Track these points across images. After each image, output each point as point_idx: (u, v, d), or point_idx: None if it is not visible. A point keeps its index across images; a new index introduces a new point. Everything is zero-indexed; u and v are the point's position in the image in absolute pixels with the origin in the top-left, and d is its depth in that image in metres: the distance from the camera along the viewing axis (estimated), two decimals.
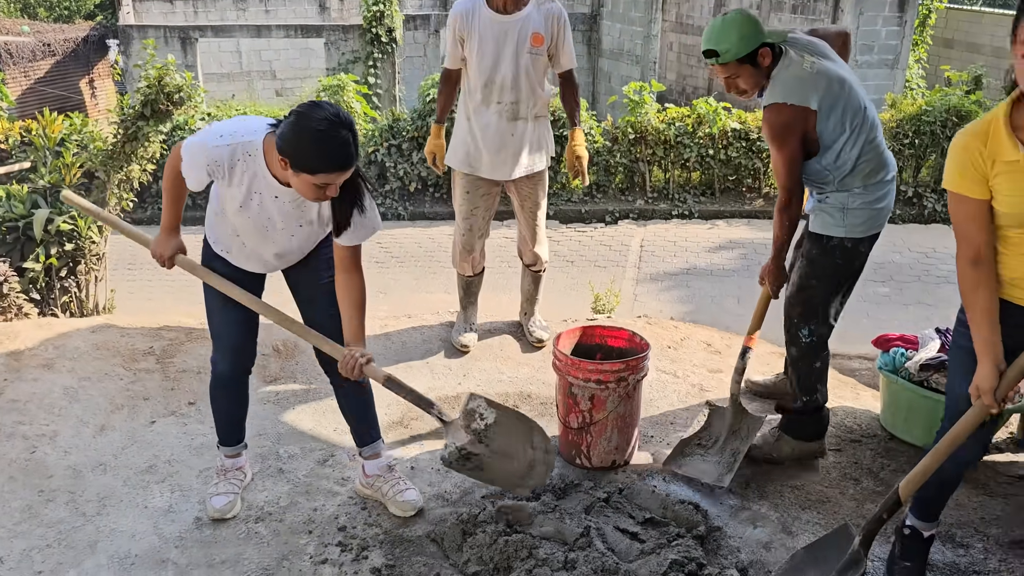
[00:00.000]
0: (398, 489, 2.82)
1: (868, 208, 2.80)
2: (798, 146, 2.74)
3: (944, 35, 16.85)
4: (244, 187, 2.41)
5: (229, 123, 2.43)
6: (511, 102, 3.51)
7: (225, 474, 2.87)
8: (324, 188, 2.26)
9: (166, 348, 3.75)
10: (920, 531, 2.47)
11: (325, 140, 2.17)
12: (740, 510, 2.85)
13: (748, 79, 2.80)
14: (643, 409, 3.35)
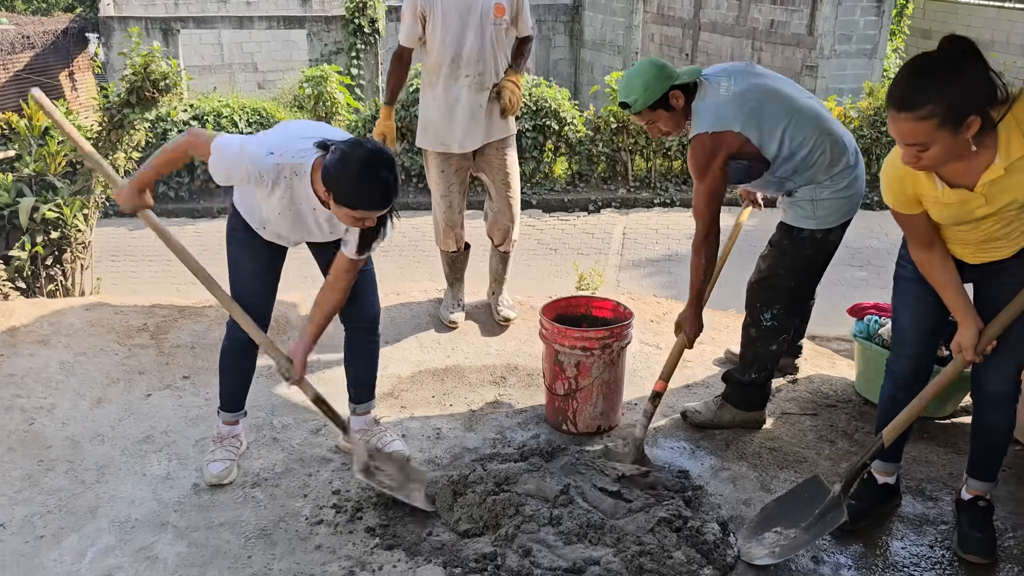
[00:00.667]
0: (385, 441, 2.95)
1: (838, 198, 2.85)
2: (721, 174, 2.77)
3: (922, 25, 17.07)
4: (286, 199, 2.55)
5: (278, 138, 2.53)
6: (478, 74, 3.60)
7: (221, 441, 2.96)
8: (362, 220, 2.42)
9: (160, 324, 3.81)
10: (876, 475, 2.65)
11: (367, 181, 2.32)
12: (720, 470, 2.96)
13: (666, 123, 2.88)
14: (628, 380, 3.46)
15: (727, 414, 3.19)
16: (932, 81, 1.91)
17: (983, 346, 2.28)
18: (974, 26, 16.10)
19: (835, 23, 13.40)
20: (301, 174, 2.49)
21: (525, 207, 11.15)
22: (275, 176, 2.49)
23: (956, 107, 1.91)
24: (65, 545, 2.57)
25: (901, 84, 1.95)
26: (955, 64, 1.92)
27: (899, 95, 1.94)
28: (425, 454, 3.04)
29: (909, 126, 1.94)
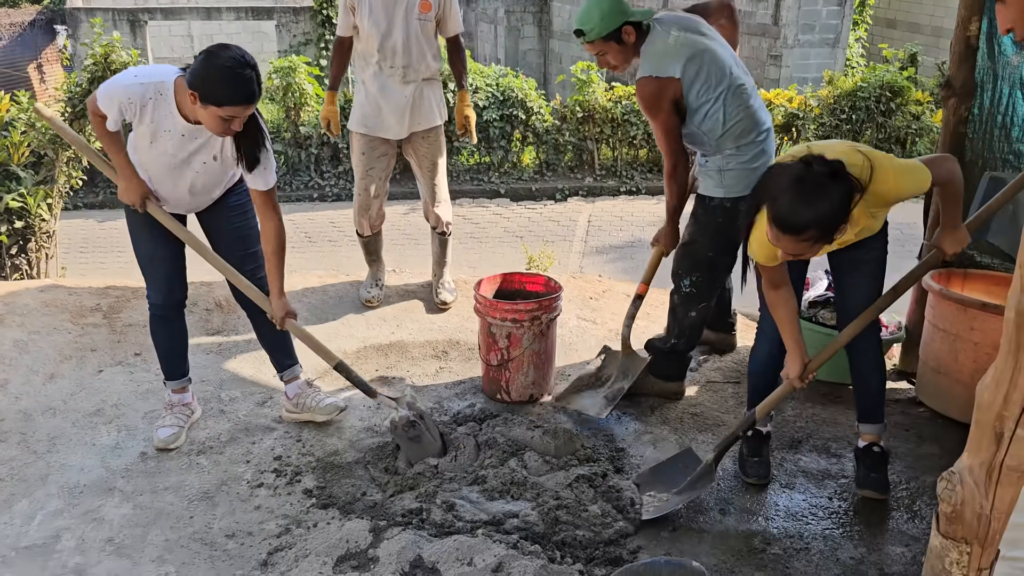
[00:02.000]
0: (319, 398, 3.13)
1: (743, 168, 3.03)
2: (671, 113, 2.98)
3: (887, 15, 17.34)
4: (154, 124, 2.66)
5: (143, 67, 2.71)
6: (403, 66, 3.73)
7: (171, 408, 3.10)
8: (229, 122, 2.54)
9: (112, 305, 3.94)
10: (759, 428, 2.89)
11: (232, 76, 2.46)
12: (643, 434, 3.14)
13: (616, 55, 3.04)
14: (564, 353, 3.64)
15: (647, 382, 3.37)
16: (810, 210, 2.20)
17: (807, 375, 2.62)
18: (936, 15, 16.39)
19: (798, 13, 13.62)
20: (166, 92, 2.61)
21: (493, 196, 11.30)
22: (141, 96, 2.60)
23: (830, 228, 2.25)
24: (16, 510, 2.70)
25: (784, 211, 2.22)
26: (827, 191, 2.20)
27: (783, 222, 2.23)
28: (365, 422, 3.20)
29: (791, 244, 2.27)
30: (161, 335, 3.05)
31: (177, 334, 3.06)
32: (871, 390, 2.77)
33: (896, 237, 10.03)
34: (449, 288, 4.23)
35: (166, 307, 2.99)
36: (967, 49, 3.23)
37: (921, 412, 3.28)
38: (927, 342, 3.27)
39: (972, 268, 3.37)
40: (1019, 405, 1.31)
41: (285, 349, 3.16)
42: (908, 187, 2.35)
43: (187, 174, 2.80)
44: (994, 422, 1.36)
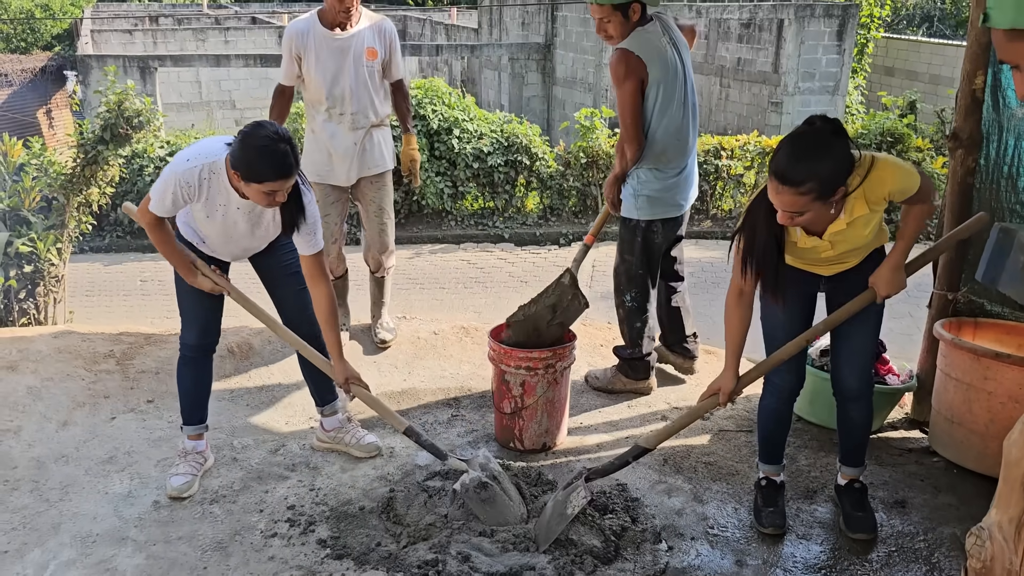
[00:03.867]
0: (359, 436, 3.21)
1: (654, 194, 3.41)
2: (637, 87, 3.28)
3: (885, 63, 17.63)
4: (211, 201, 2.77)
5: (191, 148, 2.77)
6: (352, 113, 3.80)
7: (185, 456, 3.10)
8: (273, 195, 2.64)
9: (126, 351, 3.95)
10: (772, 478, 2.92)
11: (269, 153, 2.56)
12: (657, 483, 3.13)
13: (617, 26, 3.29)
14: (574, 400, 3.64)
15: (619, 383, 3.78)
16: (811, 162, 2.22)
17: (736, 394, 2.70)
18: (934, 64, 16.65)
19: (798, 61, 13.87)
20: (217, 171, 2.70)
21: (498, 241, 11.37)
22: (196, 180, 2.69)
23: (828, 184, 2.26)
24: (28, 559, 2.69)
25: (784, 162, 2.24)
26: (828, 146, 2.24)
27: (783, 172, 2.24)
28: (378, 471, 3.19)
29: (790, 198, 2.26)
30: (187, 377, 3.08)
31: (202, 378, 3.10)
32: (858, 438, 2.85)
33: None
34: (388, 327, 4.25)
35: (198, 348, 3.04)
36: (973, 102, 3.29)
37: (936, 462, 3.27)
38: (940, 392, 3.28)
39: (983, 317, 3.39)
40: None
41: (329, 382, 3.19)
42: (901, 181, 2.39)
43: (243, 241, 2.92)
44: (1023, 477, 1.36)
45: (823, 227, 2.45)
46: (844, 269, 2.63)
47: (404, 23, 21.64)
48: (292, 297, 3.05)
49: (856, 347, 2.71)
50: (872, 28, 15.37)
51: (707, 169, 11.24)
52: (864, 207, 2.40)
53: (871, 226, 2.49)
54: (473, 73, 18.55)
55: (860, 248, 2.56)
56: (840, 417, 2.86)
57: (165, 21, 20.81)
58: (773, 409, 2.86)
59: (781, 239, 2.50)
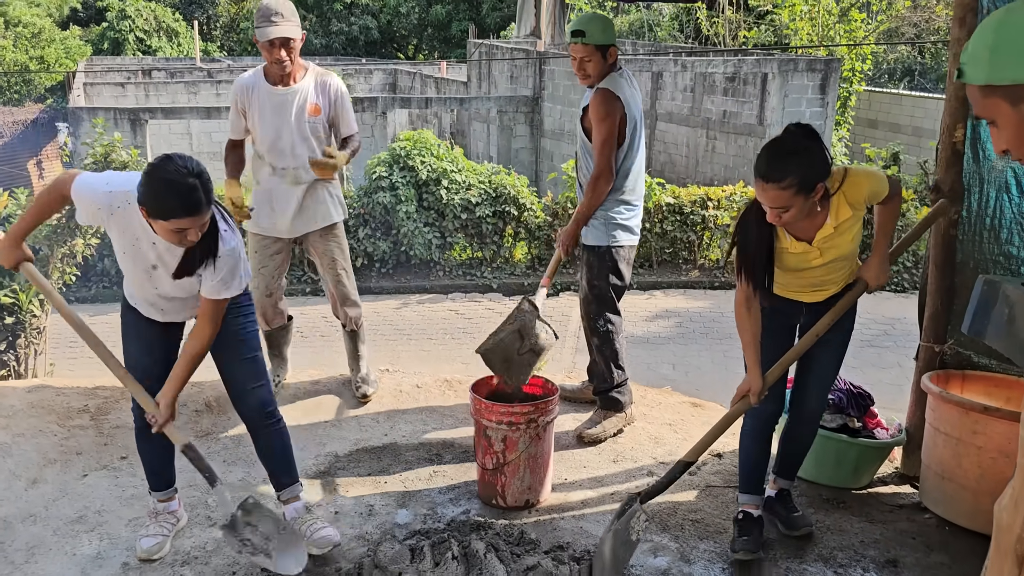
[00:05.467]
0: (315, 528, 2.94)
1: (619, 224, 3.64)
2: (616, 126, 3.48)
3: (868, 116, 17.89)
4: (127, 233, 2.61)
5: (117, 173, 2.68)
6: (293, 168, 3.77)
7: (156, 516, 2.99)
8: (183, 233, 2.45)
9: (100, 406, 3.86)
10: (750, 511, 2.99)
11: (174, 188, 2.37)
12: (642, 542, 3.04)
13: (596, 66, 3.52)
14: (558, 455, 3.56)
15: (611, 424, 3.81)
16: (790, 159, 2.46)
17: (764, 392, 2.80)
18: (916, 116, 16.92)
19: (783, 114, 14.05)
20: (132, 201, 2.51)
21: (486, 291, 11.34)
22: (109, 206, 2.55)
23: (808, 178, 2.46)
24: None
25: (766, 161, 2.47)
26: (804, 146, 2.48)
27: (766, 170, 2.47)
28: (356, 530, 3.09)
29: (775, 193, 2.47)
30: (147, 450, 2.93)
31: (163, 446, 2.91)
32: (801, 455, 3.08)
33: (887, 331, 9.97)
34: (369, 380, 4.18)
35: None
36: (954, 154, 3.30)
37: (927, 519, 3.20)
38: (929, 446, 3.22)
39: (971, 369, 3.36)
40: None
41: (287, 466, 3.00)
42: (876, 184, 2.64)
43: (163, 282, 2.71)
44: (1015, 545, 1.31)
45: (812, 232, 2.65)
46: (826, 296, 2.82)
47: (394, 76, 21.92)
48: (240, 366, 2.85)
49: (823, 370, 2.90)
50: (854, 81, 15.63)
51: (694, 220, 11.29)
52: (848, 210, 2.60)
53: (854, 232, 2.71)
54: (462, 125, 18.73)
55: (845, 260, 2.76)
56: (791, 435, 3.05)
57: (158, 74, 21.00)
58: (751, 432, 2.99)
59: (772, 244, 2.69)
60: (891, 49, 21.17)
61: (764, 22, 19.09)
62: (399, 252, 11.28)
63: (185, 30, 29.20)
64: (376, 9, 31.03)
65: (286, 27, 3.63)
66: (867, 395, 3.49)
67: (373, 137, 16.13)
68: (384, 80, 21.87)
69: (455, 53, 28.46)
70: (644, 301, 10.77)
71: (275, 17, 3.61)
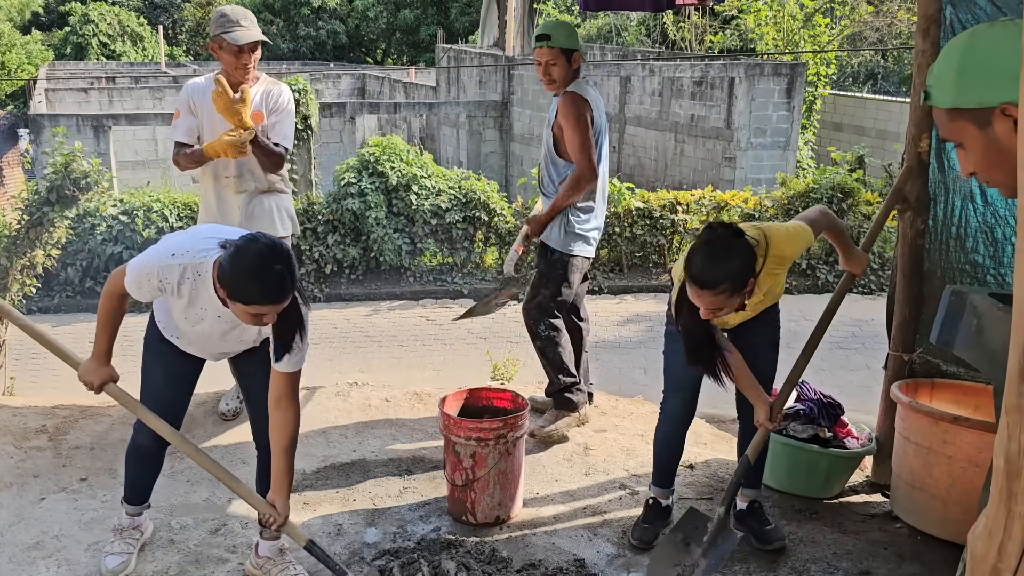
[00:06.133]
0: (289, 572, 2.83)
1: (588, 233, 3.69)
2: (590, 127, 3.53)
3: (833, 119, 18.09)
4: (192, 303, 2.51)
5: (181, 239, 2.53)
6: (235, 176, 3.69)
7: (121, 533, 2.91)
8: (260, 316, 2.36)
9: (59, 426, 3.75)
10: (660, 500, 3.14)
11: (260, 275, 2.28)
12: (616, 558, 3.01)
13: (560, 71, 3.57)
14: (529, 469, 3.52)
15: (564, 422, 3.84)
16: (722, 265, 2.52)
17: (775, 418, 2.84)
18: (880, 119, 17.14)
19: (750, 117, 14.16)
20: (204, 274, 2.44)
21: (456, 297, 11.28)
22: (179, 278, 2.45)
23: (740, 281, 2.53)
24: None
25: (699, 269, 2.53)
26: (733, 247, 2.55)
27: (700, 278, 2.53)
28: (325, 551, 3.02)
29: (710, 298, 2.54)
30: (137, 468, 2.88)
31: (153, 470, 2.90)
32: (760, 462, 3.07)
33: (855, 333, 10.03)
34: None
35: (152, 445, 2.79)
36: (919, 164, 3.31)
37: (899, 528, 3.20)
38: (899, 455, 3.23)
39: (939, 377, 3.37)
40: (1015, 556, 1.24)
41: None
42: (798, 246, 2.73)
43: (221, 347, 2.69)
44: (990, 574, 1.29)
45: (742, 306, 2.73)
46: (742, 320, 2.92)
47: (363, 81, 21.79)
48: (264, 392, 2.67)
49: (760, 374, 2.93)
50: (819, 85, 15.79)
51: (663, 224, 11.32)
52: (772, 278, 2.74)
53: (780, 284, 2.87)
54: (431, 130, 18.65)
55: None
56: (745, 442, 3.06)
57: (122, 80, 20.66)
58: (665, 433, 3.10)
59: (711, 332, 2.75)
60: (855, 53, 21.44)
61: (730, 27, 19.25)
62: (369, 258, 11.19)
63: (150, 35, 28.81)
64: (344, 13, 30.84)
65: (256, 31, 3.58)
66: (837, 404, 3.50)
67: (342, 143, 16.01)
68: (352, 85, 21.74)
69: (424, 58, 28.40)
70: (615, 305, 10.78)
71: (244, 21, 3.54)
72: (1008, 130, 1.34)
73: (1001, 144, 1.36)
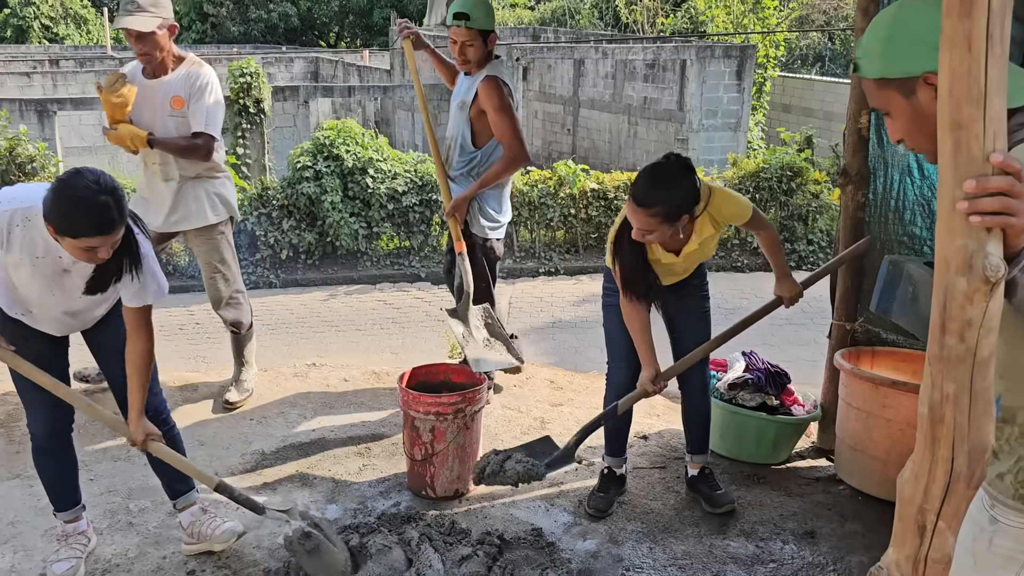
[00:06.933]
0: (215, 525, 2.85)
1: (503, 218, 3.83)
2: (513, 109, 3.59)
3: (783, 101, 18.38)
4: (27, 252, 2.43)
5: (10, 189, 2.48)
6: (160, 164, 3.66)
7: (66, 539, 2.84)
8: (93, 251, 2.30)
9: (11, 413, 3.71)
10: (614, 469, 3.25)
11: (85, 206, 2.21)
12: (572, 526, 3.09)
13: (477, 52, 3.58)
14: (488, 443, 3.58)
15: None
16: (662, 191, 2.63)
17: (659, 384, 2.93)
18: (827, 100, 17.46)
19: (701, 99, 14.33)
20: (33, 218, 2.37)
21: (414, 280, 11.27)
22: (8, 224, 2.38)
23: (674, 211, 2.64)
24: None
25: (641, 187, 2.65)
26: (678, 178, 2.67)
27: (639, 196, 2.64)
28: (284, 528, 3.05)
29: (643, 218, 2.65)
30: (48, 467, 2.78)
31: (64, 465, 2.78)
32: (704, 429, 3.23)
33: (803, 310, 10.23)
34: (241, 387, 3.99)
35: (49, 438, 2.72)
36: (860, 140, 3.43)
37: (841, 490, 3.34)
38: (842, 420, 3.36)
39: (880, 345, 3.50)
40: (939, 498, 1.33)
41: (180, 475, 2.86)
42: (736, 207, 2.85)
43: (67, 298, 2.56)
44: (916, 515, 1.38)
45: (679, 246, 2.87)
46: (676, 281, 3.04)
47: (316, 64, 21.50)
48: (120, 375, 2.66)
49: (694, 346, 3.05)
50: (769, 67, 16.03)
51: (618, 205, 11.43)
52: (711, 228, 2.84)
53: (714, 243, 2.99)
54: (387, 114, 18.51)
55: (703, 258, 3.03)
56: (687, 412, 3.24)
57: (66, 63, 20.12)
58: (613, 402, 3.12)
59: (645, 257, 2.87)
60: (803, 36, 21.78)
61: (681, 10, 19.40)
62: (325, 243, 11.12)
63: (94, 17, 28.04)
64: None
65: (140, 19, 3.42)
66: (784, 373, 3.62)
67: (296, 127, 15.83)
68: (305, 68, 21.44)
69: (378, 41, 28.10)
70: (571, 286, 10.87)
71: (130, 5, 3.43)
72: (931, 98, 1.41)
73: (925, 111, 1.44)
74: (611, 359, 3.20)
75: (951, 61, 1.17)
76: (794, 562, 2.87)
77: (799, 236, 11.22)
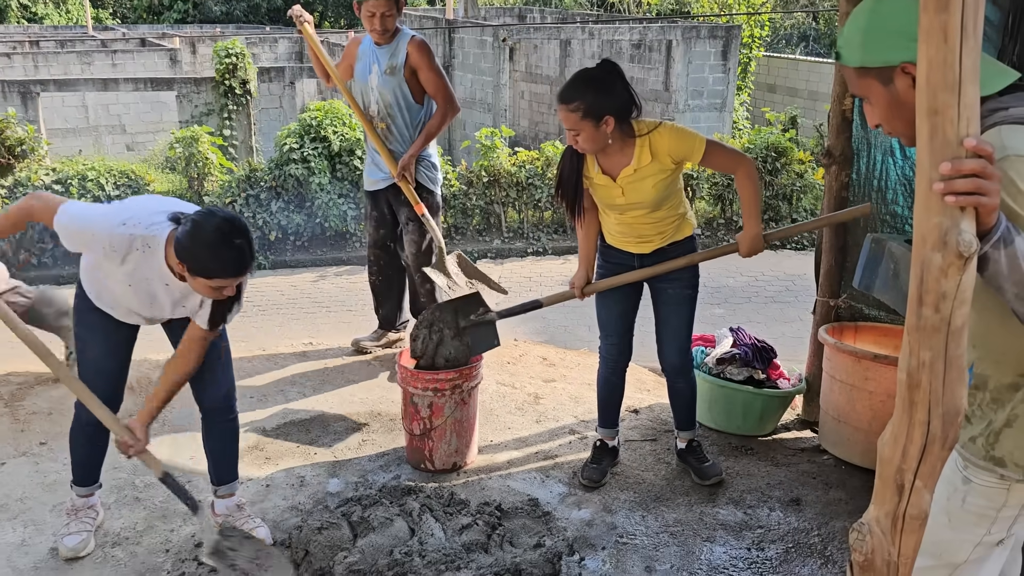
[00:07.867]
0: (249, 527, 2.91)
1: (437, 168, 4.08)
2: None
3: (767, 81, 18.46)
4: (136, 273, 2.51)
5: (131, 208, 2.51)
6: None
7: (76, 513, 2.91)
8: (221, 290, 2.41)
9: (15, 392, 3.77)
10: (606, 441, 3.36)
11: (221, 249, 2.32)
12: (567, 496, 3.20)
13: (392, 21, 3.81)
14: (484, 418, 3.69)
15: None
16: (583, 86, 2.73)
17: (589, 292, 3.14)
18: (812, 80, 17.56)
19: (687, 80, 14.39)
20: (154, 247, 2.45)
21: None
22: (127, 247, 2.44)
23: (596, 107, 2.71)
24: None
25: (564, 86, 2.78)
26: (602, 79, 2.76)
27: (562, 92, 2.77)
28: (288, 501, 3.15)
29: (564, 114, 2.75)
30: (83, 446, 2.86)
31: (100, 445, 2.87)
32: (689, 406, 3.32)
33: (788, 287, 10.38)
34: None
35: (97, 425, 2.76)
36: (844, 121, 3.52)
37: (826, 460, 3.46)
38: (826, 393, 3.48)
39: (862, 320, 3.62)
40: (916, 458, 1.44)
41: (230, 463, 2.95)
42: (678, 142, 2.83)
43: (160, 313, 2.68)
44: (895, 475, 1.48)
45: (616, 170, 2.88)
46: (651, 249, 3.05)
47: (301, 44, 21.35)
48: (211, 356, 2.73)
49: (675, 328, 3.16)
50: (753, 48, 16.10)
51: None
52: (649, 156, 2.83)
53: (659, 187, 2.89)
54: None
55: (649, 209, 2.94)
56: (671, 391, 3.31)
57: (47, 44, 19.89)
58: (604, 376, 3.30)
59: (580, 171, 2.95)
60: (787, 16, 21.84)
61: None
62: (314, 224, 11.14)
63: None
64: None
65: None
66: (770, 348, 3.73)
67: (282, 108, 15.76)
68: (290, 49, 21.30)
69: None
70: (559, 266, 10.97)
71: None
72: (908, 86, 1.51)
73: (902, 99, 1.53)
74: (601, 334, 3.31)
75: (928, 51, 1.26)
76: (780, 528, 2.99)
77: (784, 215, 11.33)
